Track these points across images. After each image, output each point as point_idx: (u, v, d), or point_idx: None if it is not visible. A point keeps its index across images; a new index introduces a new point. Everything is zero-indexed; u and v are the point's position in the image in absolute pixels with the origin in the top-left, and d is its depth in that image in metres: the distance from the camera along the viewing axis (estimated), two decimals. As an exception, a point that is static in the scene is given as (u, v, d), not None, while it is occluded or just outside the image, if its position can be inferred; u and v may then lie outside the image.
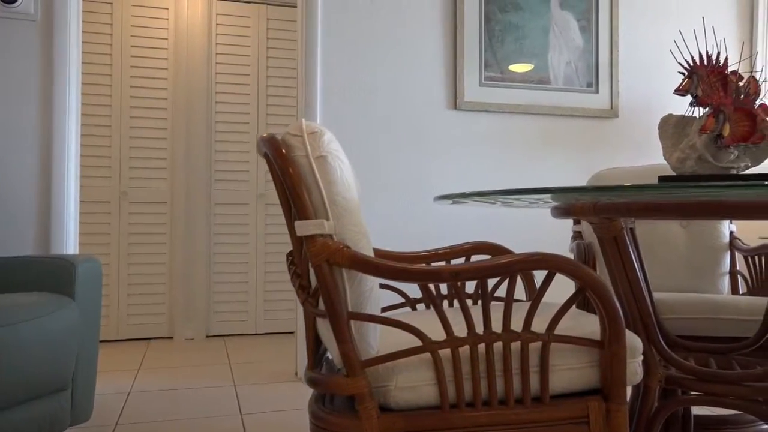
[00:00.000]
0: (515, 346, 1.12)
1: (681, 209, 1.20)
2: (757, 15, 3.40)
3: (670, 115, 1.51)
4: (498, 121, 3.01)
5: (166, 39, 3.70)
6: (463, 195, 1.26)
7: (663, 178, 1.44)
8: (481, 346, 1.10)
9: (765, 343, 1.57)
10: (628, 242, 1.32)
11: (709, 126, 1.38)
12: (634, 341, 1.15)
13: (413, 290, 1.71)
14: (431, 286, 1.53)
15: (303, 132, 1.16)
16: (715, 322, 1.66)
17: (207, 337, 3.73)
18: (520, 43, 3.03)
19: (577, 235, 2.20)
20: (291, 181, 1.11)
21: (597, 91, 3.15)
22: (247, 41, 3.85)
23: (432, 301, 1.10)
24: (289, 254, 1.33)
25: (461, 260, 1.97)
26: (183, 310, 3.66)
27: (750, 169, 1.47)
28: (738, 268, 2.12)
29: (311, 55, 2.75)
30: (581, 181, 3.12)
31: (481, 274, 1.09)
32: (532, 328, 1.15)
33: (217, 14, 3.78)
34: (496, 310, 1.38)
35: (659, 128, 1.51)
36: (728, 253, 2.10)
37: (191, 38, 3.71)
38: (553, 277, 1.11)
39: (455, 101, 2.93)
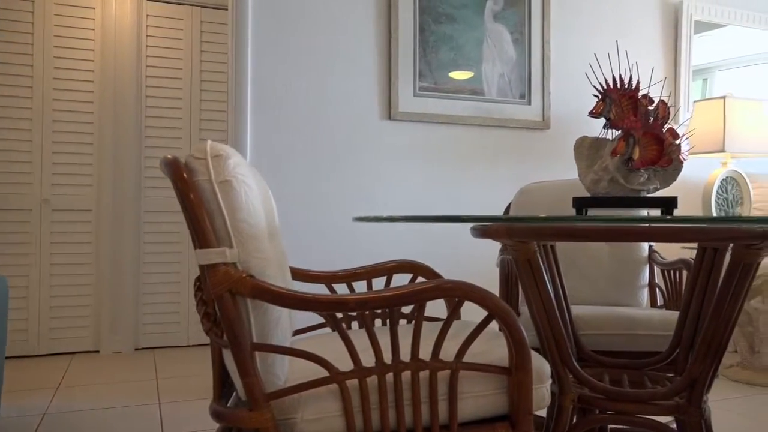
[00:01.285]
0: (425, 374, 1.10)
1: (589, 235, 1.21)
2: (680, 29, 3.53)
3: (584, 137, 1.53)
4: (432, 132, 3.02)
5: (93, 40, 3.55)
6: (377, 219, 1.24)
7: (577, 200, 1.46)
8: (391, 375, 1.09)
9: (676, 357, 1.62)
10: (541, 264, 1.33)
11: (620, 149, 1.41)
12: (542, 367, 1.16)
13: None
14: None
15: (207, 155, 1.12)
16: (630, 337, 1.70)
17: (136, 350, 3.60)
18: (455, 55, 3.04)
19: (506, 249, 2.22)
20: (191, 207, 1.06)
21: (529, 103, 3.20)
22: (180, 44, 3.73)
23: (341, 333, 1.07)
24: (197, 279, 1.28)
25: (383, 279, 1.95)
26: (110, 321, 3.52)
27: (659, 191, 1.51)
28: (657, 281, 2.18)
29: (241, 63, 2.68)
30: (514, 191, 3.17)
31: (387, 303, 1.07)
32: (445, 353, 1.14)
33: (147, 15, 3.65)
34: (409, 334, 1.36)
35: (575, 149, 1.53)
36: (647, 266, 2.17)
37: (119, 39, 3.57)
38: (462, 303, 1.11)
39: (389, 111, 2.92)
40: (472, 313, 2.87)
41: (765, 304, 2.87)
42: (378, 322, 2.63)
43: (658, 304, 2.14)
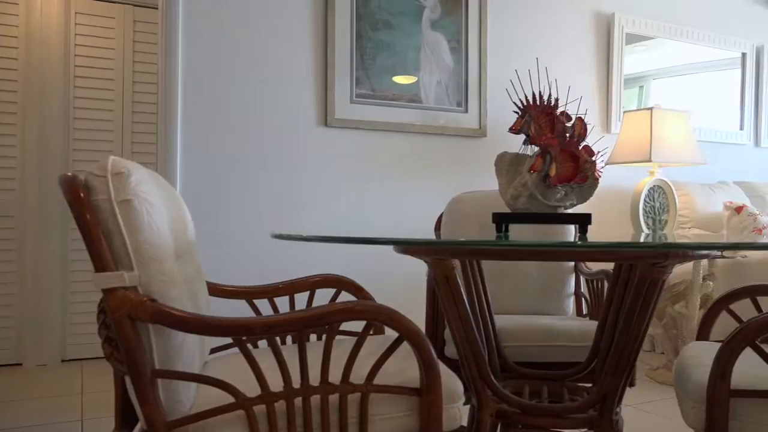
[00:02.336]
0: (335, 397, 1.09)
1: (503, 255, 1.22)
2: (613, 40, 3.63)
3: (505, 153, 1.55)
4: (370, 139, 3.00)
5: (16, 37, 3.38)
6: (289, 237, 1.21)
7: (497, 215, 1.47)
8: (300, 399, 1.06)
9: (594, 368, 1.66)
10: (459, 281, 1.34)
11: (537, 166, 1.43)
12: (453, 386, 1.16)
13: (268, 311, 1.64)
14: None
15: (107, 172, 1.07)
16: (551, 348, 1.73)
17: (62, 361, 3.45)
18: (392, 62, 3.04)
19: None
20: (87, 228, 1.01)
21: (466, 111, 3.23)
22: (112, 43, 3.60)
23: (247, 357, 1.04)
24: (101, 301, 1.22)
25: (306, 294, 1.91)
26: (34, 332, 3.36)
27: (576, 207, 1.54)
28: (583, 290, 2.23)
29: (171, 66, 2.60)
30: (450, 198, 3.19)
31: (295, 326, 1.04)
32: (358, 374, 1.13)
33: (76, 13, 3.51)
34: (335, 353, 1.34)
35: (495, 165, 1.54)
36: (573, 276, 2.21)
37: (46, 37, 3.42)
38: (371, 325, 1.09)
39: (326, 118, 2.89)
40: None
41: (688, 308, 2.98)
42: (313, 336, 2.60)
43: (584, 313, 2.19)
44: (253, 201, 2.75)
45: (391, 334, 2.29)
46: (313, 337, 1.65)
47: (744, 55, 4.16)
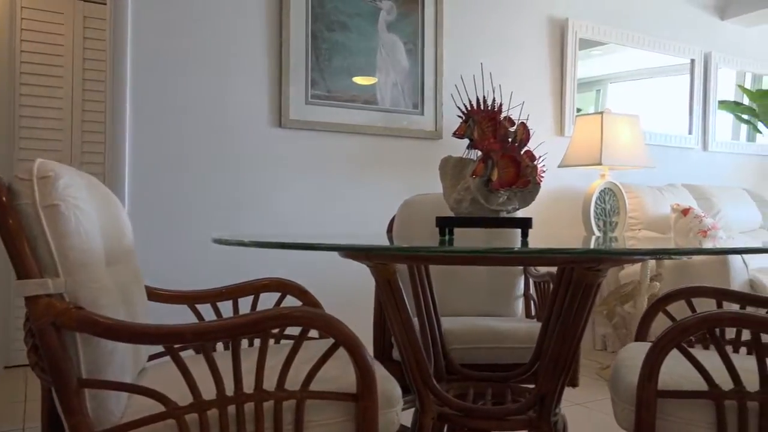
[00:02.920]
0: (270, 404, 1.07)
1: (445, 260, 1.23)
2: (566, 45, 3.70)
3: (449, 157, 1.56)
4: (325, 140, 2.99)
5: (-42, 31, 3.26)
6: (226, 242, 1.19)
7: (440, 219, 1.48)
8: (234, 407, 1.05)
9: (537, 370, 1.68)
10: (400, 286, 1.34)
11: (479, 171, 1.44)
12: (391, 391, 1.16)
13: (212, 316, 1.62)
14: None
15: (33, 176, 1.03)
16: (497, 350, 1.75)
17: (6, 368, 3.33)
18: (348, 63, 3.03)
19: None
20: (8, 234, 0.98)
21: (422, 113, 3.24)
22: (61, 40, 3.50)
23: (179, 366, 1.02)
24: (30, 308, 1.18)
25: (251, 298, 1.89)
26: (-23, 338, 3.24)
27: (519, 211, 1.56)
28: (532, 292, 2.27)
29: (119, 63, 2.54)
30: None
31: (227, 333, 1.03)
32: (295, 380, 1.12)
33: (22, 7, 3.40)
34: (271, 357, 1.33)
35: (440, 169, 1.55)
36: (522, 277, 2.25)
37: (-10, 32, 3.30)
38: (307, 331, 1.09)
39: (280, 119, 2.87)
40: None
41: (636, 308, 3.05)
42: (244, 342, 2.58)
43: (533, 314, 2.22)
44: (205, 203, 2.71)
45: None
46: (257, 341, 1.63)
47: (693, 61, 4.28)
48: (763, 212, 4.13)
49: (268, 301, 1.66)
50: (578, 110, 3.94)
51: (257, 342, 1.63)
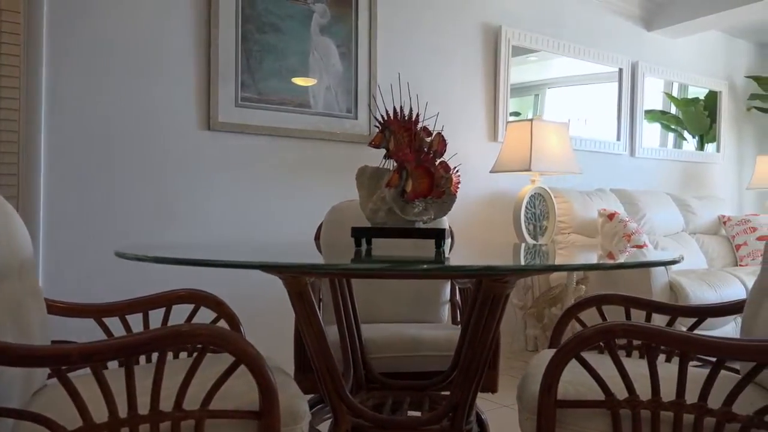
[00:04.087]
0: (168, 425, 1.04)
1: (345, 274, 1.22)
2: (500, 52, 3.77)
3: (366, 167, 1.55)
4: (256, 144, 2.94)
5: None
6: (127, 256, 1.15)
7: (355, 230, 1.47)
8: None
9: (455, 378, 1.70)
10: (311, 298, 1.32)
11: (393, 182, 1.44)
12: (296, 406, 1.14)
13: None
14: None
15: None
16: (417, 358, 1.76)
17: None
18: (279, 66, 2.99)
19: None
20: None
21: (356, 117, 3.23)
22: (-25, 33, 3.30)
23: (66, 388, 0.98)
24: None
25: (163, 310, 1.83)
26: None
27: (435, 220, 1.57)
28: (458, 298, 2.29)
29: (34, 61, 2.42)
30: (340, 205, 3.18)
31: (119, 353, 0.99)
32: (195, 398, 1.08)
33: (-68, -2, 3.19)
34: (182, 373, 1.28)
35: (356, 179, 1.55)
36: (449, 283, 2.27)
37: None
38: (205, 350, 1.06)
39: (209, 122, 2.80)
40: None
41: (563, 311, 3.13)
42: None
43: (458, 320, 2.24)
44: (128, 210, 2.61)
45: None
46: (170, 355, 1.58)
47: (621, 70, 4.44)
48: (685, 216, 4.32)
49: (182, 313, 1.61)
50: (517, 114, 4.03)
51: (171, 354, 1.58)
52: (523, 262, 1.37)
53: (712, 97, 5.18)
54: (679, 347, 1.06)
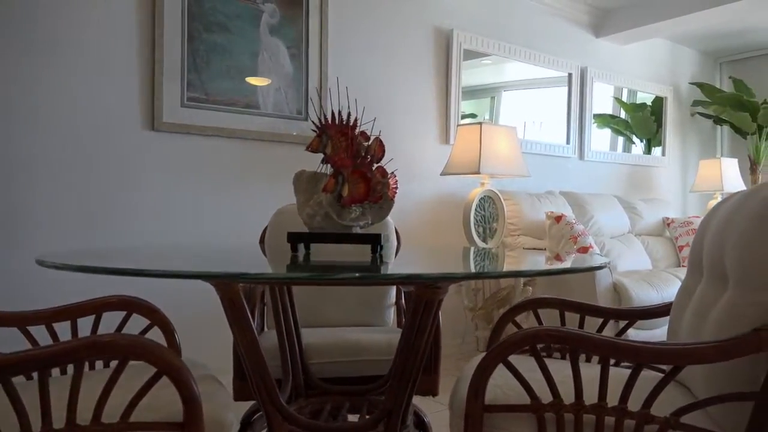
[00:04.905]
0: (86, 438, 1.01)
1: (290, 281, 1.21)
2: (451, 55, 3.80)
3: (303, 171, 1.54)
4: (203, 145, 2.89)
5: None
6: (45, 263, 1.11)
7: (292, 234, 1.46)
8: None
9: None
10: (244, 305, 1.30)
11: (329, 186, 1.43)
12: (220, 416, 1.12)
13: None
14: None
15: None
16: (357, 363, 1.76)
17: None
18: (227, 66, 2.94)
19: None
20: None
21: (306, 119, 3.21)
22: None
23: (-27, 400, 0.94)
24: None
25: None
26: None
27: (377, 224, 1.56)
28: (403, 301, 2.30)
29: (-35, 59, 2.32)
30: (290, 207, 3.15)
31: (33, 366, 0.95)
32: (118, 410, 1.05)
33: None
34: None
35: (294, 183, 1.53)
36: (394, 286, 2.27)
37: None
38: (126, 362, 1.03)
39: (153, 122, 2.74)
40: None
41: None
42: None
43: (403, 323, 2.25)
44: (65, 211, 2.53)
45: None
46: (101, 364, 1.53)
47: (570, 75, 4.53)
48: (631, 218, 4.44)
49: (113, 320, 1.57)
50: (474, 116, 4.07)
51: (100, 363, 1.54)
52: (474, 268, 1.38)
53: (659, 103, 5.34)
54: (600, 352, 1.08)
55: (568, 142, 4.54)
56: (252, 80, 3.01)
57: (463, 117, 3.99)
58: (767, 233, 1.10)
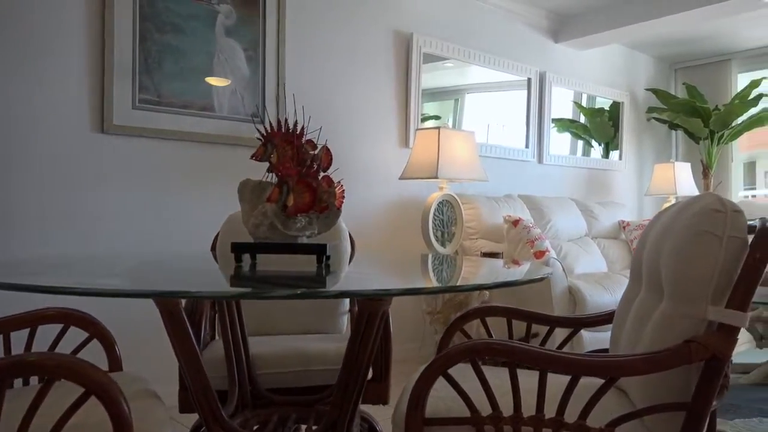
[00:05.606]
0: (9, 461, 0.97)
1: (218, 297, 1.19)
2: (411, 59, 3.81)
3: (248, 180, 1.52)
4: (156, 148, 2.83)
5: None
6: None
7: (235, 245, 1.44)
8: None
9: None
10: (183, 317, 1.28)
11: (274, 196, 1.41)
12: (155, 435, 1.10)
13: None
14: None
15: None
16: (305, 373, 1.74)
17: None
18: (181, 67, 2.89)
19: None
20: None
21: (263, 122, 3.17)
22: None
23: None
24: None
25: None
26: None
27: (321, 234, 1.55)
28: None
29: None
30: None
31: (-53, 388, 0.91)
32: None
33: None
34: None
35: (239, 192, 1.51)
36: (348, 293, 2.25)
37: None
38: (52, 381, 1.00)
39: (102, 124, 2.67)
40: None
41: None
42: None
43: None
44: (9, 217, 2.45)
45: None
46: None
47: (529, 80, 4.59)
48: (588, 221, 4.52)
49: (51, 332, 1.52)
50: (438, 118, 4.09)
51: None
52: (433, 278, 1.38)
53: (616, 108, 5.45)
54: (537, 365, 1.09)
55: (527, 146, 4.60)
56: (210, 80, 2.96)
57: (427, 119, 4.01)
58: (698, 246, 1.12)
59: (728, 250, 1.10)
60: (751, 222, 1.18)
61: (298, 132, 1.51)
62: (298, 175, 1.43)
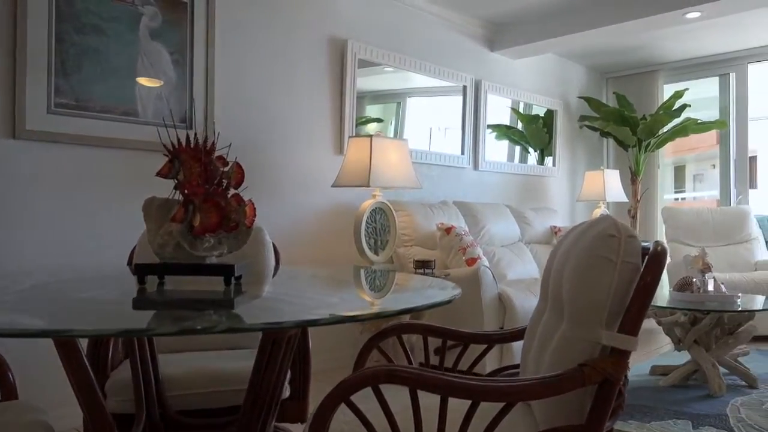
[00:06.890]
0: None
1: (104, 334, 1.13)
2: (346, 64, 3.78)
3: (153, 198, 1.47)
4: (73, 155, 2.70)
5: None
6: None
7: (139, 267, 1.38)
8: None
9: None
10: (78, 347, 1.22)
11: (178, 216, 1.37)
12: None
13: None
14: None
15: None
16: (220, 394, 1.69)
17: None
18: (101, 71, 2.77)
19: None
20: None
21: (191, 127, 3.09)
22: None
23: None
24: None
25: None
26: None
27: (232, 253, 1.51)
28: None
29: None
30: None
31: None
32: None
33: None
34: None
35: (143, 210, 1.45)
36: (271, 306, 2.22)
37: None
38: None
39: (14, 129, 2.53)
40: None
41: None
42: None
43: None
44: None
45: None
46: None
47: (465, 87, 4.64)
48: (521, 227, 4.61)
49: (-63, 359, 1.42)
50: (380, 120, 4.08)
51: None
52: (367, 289, 1.35)
53: (550, 115, 5.59)
54: (437, 391, 1.09)
55: (462, 152, 4.65)
56: (141, 81, 2.85)
57: (370, 121, 4.00)
58: (593, 271, 1.15)
59: (621, 275, 1.13)
60: (645, 244, 1.22)
61: (208, 147, 1.46)
62: (204, 195, 1.39)
